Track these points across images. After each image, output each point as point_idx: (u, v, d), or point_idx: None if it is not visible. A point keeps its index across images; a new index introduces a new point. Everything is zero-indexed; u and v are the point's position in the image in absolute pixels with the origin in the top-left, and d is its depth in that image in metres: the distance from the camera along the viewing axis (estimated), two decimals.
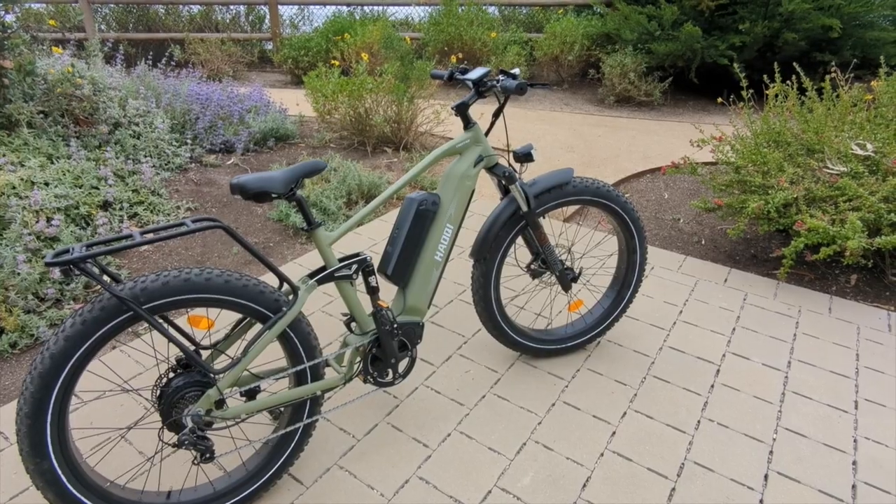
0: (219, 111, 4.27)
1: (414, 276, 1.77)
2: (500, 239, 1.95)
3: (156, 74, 4.55)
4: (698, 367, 2.23)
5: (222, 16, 8.05)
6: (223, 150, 4.20)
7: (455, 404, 2.03)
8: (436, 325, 2.46)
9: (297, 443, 1.64)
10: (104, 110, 3.57)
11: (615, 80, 6.14)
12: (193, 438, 1.41)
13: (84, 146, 3.36)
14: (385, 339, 1.69)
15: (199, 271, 1.41)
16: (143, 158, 3.48)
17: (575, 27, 6.58)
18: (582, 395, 2.07)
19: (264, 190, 1.42)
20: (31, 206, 2.64)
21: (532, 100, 6.49)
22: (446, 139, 4.94)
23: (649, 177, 4.35)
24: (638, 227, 2.14)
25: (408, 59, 4.32)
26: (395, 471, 1.75)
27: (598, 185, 2.02)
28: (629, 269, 2.23)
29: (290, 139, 4.59)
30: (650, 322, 2.50)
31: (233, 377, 1.46)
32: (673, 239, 3.37)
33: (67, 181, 2.97)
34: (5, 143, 3.02)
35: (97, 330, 1.29)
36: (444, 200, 1.78)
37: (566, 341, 2.24)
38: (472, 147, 1.82)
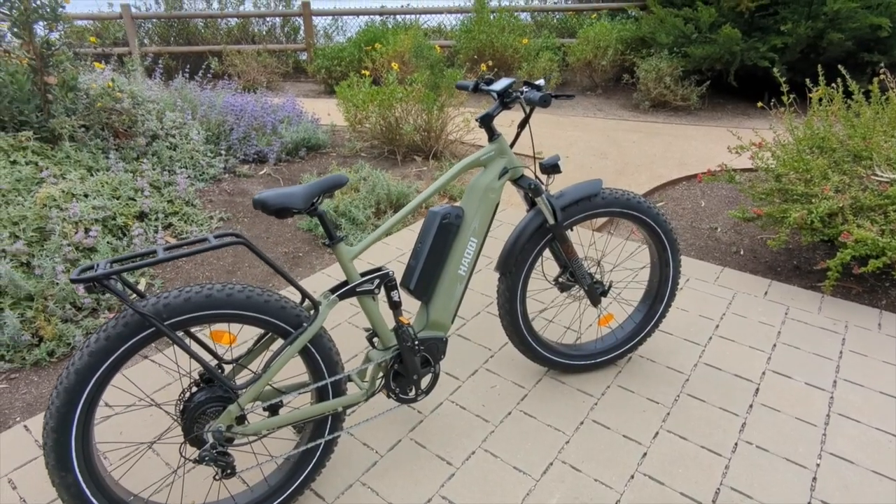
0: (252, 122, 4.35)
1: (437, 290, 1.74)
2: (525, 252, 1.91)
3: (193, 87, 4.68)
4: (736, 386, 2.12)
5: (258, 28, 8.25)
6: (256, 161, 4.27)
7: (480, 421, 1.98)
8: (462, 337, 2.42)
9: (319, 459, 1.63)
10: (142, 123, 3.68)
11: (650, 85, 6.01)
12: (214, 454, 1.41)
13: (122, 158, 3.47)
14: (407, 356, 1.66)
15: (221, 287, 1.41)
16: (179, 170, 3.56)
17: (609, 32, 6.47)
18: (612, 414, 2.00)
19: (285, 206, 1.42)
20: (70, 218, 2.73)
21: (565, 106, 6.41)
22: (476, 147, 4.91)
23: (685, 184, 4.22)
24: (671, 238, 2.06)
25: (438, 68, 4.31)
26: (417, 489, 1.72)
27: (629, 196, 1.95)
28: (662, 283, 2.14)
29: (322, 149, 4.64)
30: (685, 337, 2.41)
31: (254, 392, 1.45)
32: (710, 249, 3.24)
33: (106, 193, 3.06)
34: (48, 156, 3.13)
35: (121, 345, 1.30)
36: (467, 213, 1.74)
37: (596, 357, 2.17)
38: (496, 159, 1.78)
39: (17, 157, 3.00)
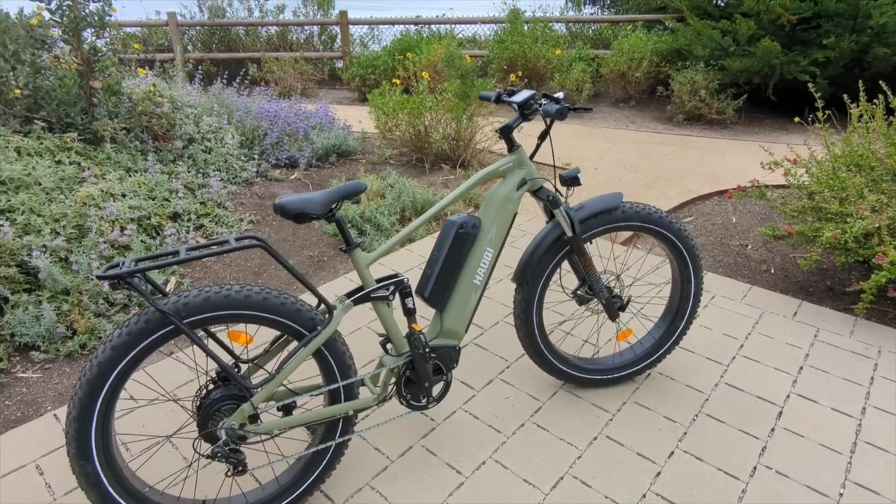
0: (285, 127, 4.46)
1: (452, 299, 1.75)
2: (543, 264, 1.90)
3: (230, 92, 4.83)
4: (758, 408, 2.06)
5: (297, 36, 8.46)
6: (287, 165, 4.37)
7: (492, 431, 1.98)
8: (479, 346, 2.43)
9: (329, 461, 1.65)
10: (180, 126, 3.81)
11: (685, 98, 5.91)
12: (226, 451, 1.45)
13: (160, 160, 3.60)
14: (419, 362, 1.68)
15: (240, 288, 1.45)
16: (213, 172, 3.68)
17: (644, 43, 6.40)
18: (626, 430, 1.97)
19: (303, 211, 1.46)
20: (107, 217, 2.85)
21: (596, 118, 6.36)
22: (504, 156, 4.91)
23: (717, 199, 4.13)
24: (693, 255, 2.02)
25: (468, 78, 4.34)
26: (426, 496, 1.73)
27: (650, 210, 1.93)
28: (683, 299, 2.10)
29: (352, 155, 4.72)
30: (706, 356, 2.35)
31: (267, 392, 1.49)
32: (738, 266, 3.16)
33: (142, 193, 3.18)
34: (91, 156, 3.28)
35: (141, 341, 1.35)
36: (484, 223, 1.75)
37: (613, 372, 2.14)
38: (515, 170, 1.79)
39: (61, 157, 3.15)
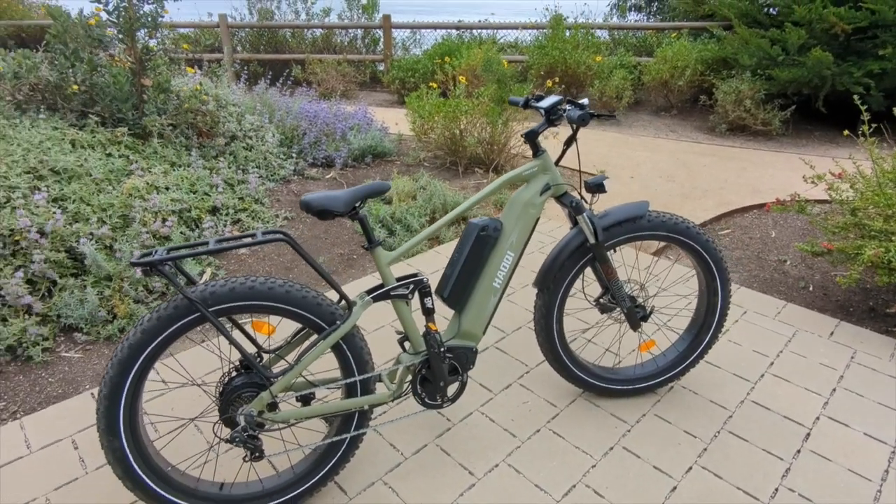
0: (324, 128, 4.57)
1: (470, 301, 1.76)
2: (565, 270, 1.89)
3: (273, 92, 4.97)
4: (784, 428, 2.00)
5: (341, 39, 8.64)
6: (324, 165, 4.48)
7: (507, 435, 1.98)
8: (500, 350, 2.43)
9: (344, 453, 1.69)
10: (223, 124, 3.96)
11: (728, 108, 5.76)
12: (244, 437, 1.50)
13: (203, 156, 3.74)
14: (434, 362, 1.70)
15: (264, 280, 1.51)
16: (252, 169, 3.80)
17: (688, 51, 6.27)
18: (644, 443, 1.94)
19: (326, 208, 1.50)
20: (150, 208, 2.98)
21: (636, 125, 6.26)
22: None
23: (756, 212, 4.00)
24: (720, 267, 1.98)
25: (504, 82, 4.35)
26: (436, 494, 1.75)
27: (676, 220, 1.90)
28: (709, 312, 2.06)
29: (387, 156, 4.79)
30: (734, 371, 2.29)
31: (285, 382, 1.54)
32: (775, 282, 3.06)
33: (184, 187, 3.32)
34: (139, 150, 3.44)
35: (169, 326, 1.42)
36: (506, 227, 1.76)
37: (633, 382, 2.11)
38: (539, 175, 1.79)
39: (112, 150, 3.32)
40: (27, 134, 3.10)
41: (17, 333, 2.36)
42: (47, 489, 1.77)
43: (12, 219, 2.55)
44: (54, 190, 2.83)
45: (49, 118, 3.36)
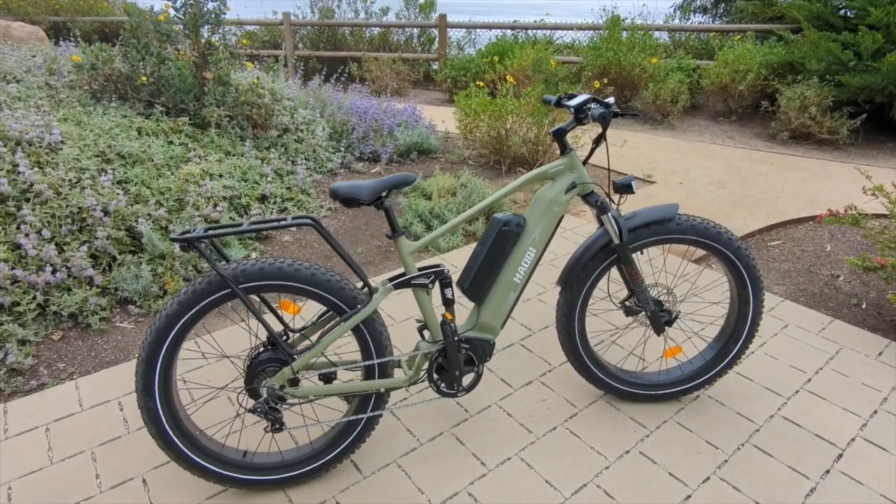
0: (373, 123, 4.69)
1: (490, 294, 1.79)
2: (588, 270, 1.89)
3: (327, 88, 5.15)
4: (814, 447, 1.92)
5: (397, 37, 8.80)
6: (370, 159, 4.60)
7: (523, 430, 2.00)
8: (525, 347, 2.44)
9: (360, 433, 1.75)
10: (277, 117, 4.14)
11: (792, 114, 5.50)
12: (265, 408, 1.60)
13: (256, 147, 3.93)
14: (450, 351, 1.74)
15: (291, 262, 1.59)
16: (301, 161, 3.96)
17: (752, 55, 6.03)
18: (662, 449, 1.91)
19: (352, 196, 1.57)
20: (204, 193, 3.17)
21: (691, 130, 6.07)
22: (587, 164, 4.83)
23: (811, 225, 3.82)
24: (752, 275, 1.92)
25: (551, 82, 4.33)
26: (447, 481, 1.79)
27: (707, 225, 1.86)
28: (739, 321, 2.00)
29: (432, 153, 4.87)
30: (766, 385, 2.21)
31: (306, 360, 1.62)
32: (824, 297, 2.92)
33: (237, 175, 3.50)
34: (197, 139, 3.66)
35: (202, 300, 1.53)
36: (529, 223, 1.78)
37: (656, 388, 2.08)
38: (565, 173, 1.80)
39: (173, 139, 3.54)
40: (99, 121, 3.36)
41: (79, 302, 2.58)
42: (93, 444, 1.93)
43: (81, 198, 2.78)
44: (119, 173, 3.05)
45: (119, 107, 3.62)
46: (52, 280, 2.57)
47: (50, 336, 2.52)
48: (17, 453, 1.89)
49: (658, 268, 3.08)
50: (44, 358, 2.39)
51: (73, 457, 1.88)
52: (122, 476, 1.80)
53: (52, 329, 2.54)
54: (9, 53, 4.34)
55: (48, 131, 2.98)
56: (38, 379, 2.28)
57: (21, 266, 2.57)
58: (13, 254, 2.58)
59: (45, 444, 1.93)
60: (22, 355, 2.33)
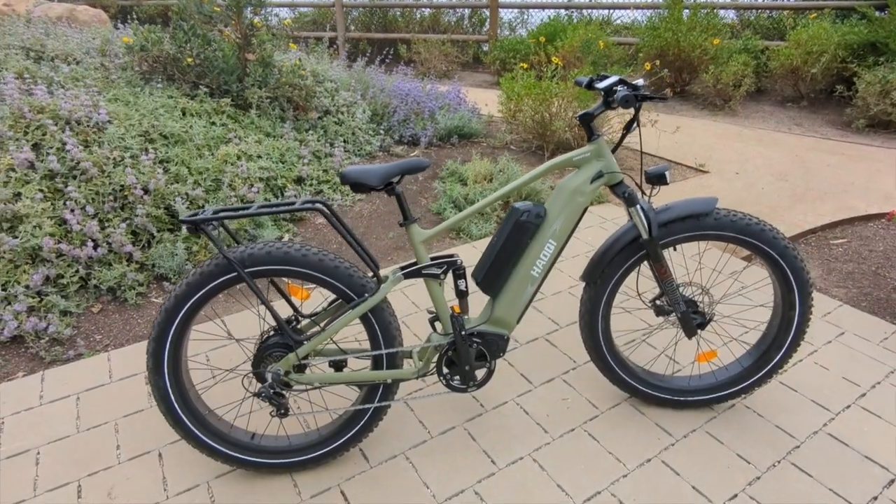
0: (414, 106, 4.62)
1: (505, 288, 1.71)
2: (614, 265, 1.77)
3: (372, 70, 5.11)
4: (862, 470, 1.74)
5: (448, 18, 8.66)
6: (410, 143, 4.54)
7: (539, 429, 1.91)
8: (549, 343, 2.34)
9: (367, 423, 1.72)
10: (318, 99, 4.14)
11: (871, 100, 5.03)
12: (270, 392, 1.59)
13: (296, 128, 3.95)
14: (459, 345, 1.67)
15: (300, 247, 1.56)
16: (340, 143, 3.95)
17: (828, 34, 5.54)
18: (687, 460, 1.78)
19: (360, 181, 1.52)
20: (240, 174, 3.21)
21: (755, 116, 5.67)
22: (632, 150, 4.61)
23: (881, 222, 3.48)
24: (799, 278, 1.74)
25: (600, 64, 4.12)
26: (454, 476, 1.74)
27: (749, 221, 1.69)
28: (783, 328, 1.83)
29: (474, 137, 4.76)
30: (812, 397, 2.03)
31: (311, 346, 1.60)
32: (890, 303, 2.66)
33: (275, 156, 3.53)
34: (239, 120, 3.71)
35: (210, 282, 1.53)
36: (550, 214, 1.68)
37: (686, 394, 1.94)
38: (591, 161, 1.68)
39: (215, 119, 3.61)
40: (145, 101, 3.45)
41: (117, 277, 2.67)
42: (117, 415, 1.99)
43: (123, 176, 2.87)
44: (161, 152, 3.13)
45: (167, 88, 3.72)
46: (94, 255, 2.67)
47: (90, 308, 2.63)
48: (49, 420, 1.98)
49: (695, 264, 2.89)
50: (83, 329, 2.49)
51: (98, 426, 1.95)
52: (140, 449, 1.85)
53: (92, 302, 2.65)
54: (71, 36, 4.54)
55: (96, 111, 3.08)
56: (76, 349, 2.38)
57: (66, 241, 2.69)
58: (60, 228, 2.70)
59: (75, 413, 2.01)
60: (63, 326, 2.44)
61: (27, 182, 2.77)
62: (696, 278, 2.77)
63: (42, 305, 2.49)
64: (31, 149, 2.88)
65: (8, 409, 2.03)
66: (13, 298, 2.45)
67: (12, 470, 1.78)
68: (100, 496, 1.69)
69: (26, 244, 2.56)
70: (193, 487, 1.71)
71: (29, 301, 2.45)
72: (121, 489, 1.71)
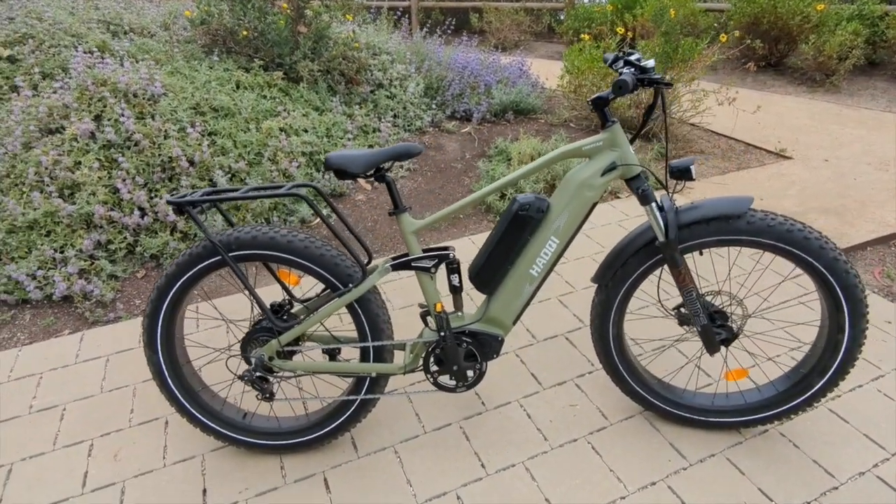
0: (470, 80, 4.46)
1: (501, 286, 1.59)
2: (628, 268, 1.60)
3: (431, 42, 4.98)
4: None
5: None
6: (463, 118, 4.40)
7: (539, 436, 1.80)
8: (569, 342, 2.19)
9: (353, 413, 1.69)
10: (370, 72, 4.09)
11: None
12: (253, 376, 1.58)
13: (346, 102, 3.93)
14: (446, 344, 1.58)
15: (286, 233, 1.53)
16: (389, 118, 3.89)
17: None
18: (699, 489, 1.60)
19: (342, 168, 1.45)
20: (283, 148, 3.24)
21: (861, 94, 4.98)
22: (707, 131, 4.20)
23: None
24: (852, 296, 1.48)
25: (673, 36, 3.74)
26: (439, 478, 1.67)
27: (790, 226, 1.45)
28: (828, 352, 1.58)
29: (531, 113, 4.53)
30: (866, 432, 1.75)
31: (293, 334, 1.57)
32: None
33: (321, 131, 3.54)
34: (289, 94, 3.74)
35: (197, 264, 1.53)
36: (554, 209, 1.53)
37: (707, 414, 1.74)
38: (604, 152, 1.50)
39: (266, 93, 3.66)
40: (202, 74, 3.56)
41: (160, 245, 2.80)
42: (137, 380, 2.10)
43: (171, 148, 2.98)
44: (210, 125, 3.23)
45: (224, 61, 3.81)
46: (142, 223, 2.81)
47: (135, 273, 2.78)
48: (80, 378, 2.12)
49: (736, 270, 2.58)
50: (125, 293, 2.64)
51: (119, 389, 2.06)
52: (151, 414, 1.94)
53: (137, 267, 2.81)
54: (147, 11, 4.76)
55: (152, 84, 3.21)
56: (116, 312, 2.53)
57: (118, 209, 2.85)
58: (112, 196, 2.86)
59: (102, 374, 2.14)
60: (107, 289, 2.60)
61: (87, 151, 2.95)
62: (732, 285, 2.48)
63: (92, 268, 2.67)
64: (93, 120, 3.05)
65: (48, 365, 2.20)
66: (67, 261, 2.64)
67: (40, 423, 1.92)
68: (107, 456, 1.78)
69: (81, 210, 2.74)
70: (189, 458, 1.77)
71: (81, 264, 2.63)
72: (126, 452, 1.80)
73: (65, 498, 1.65)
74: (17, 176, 2.88)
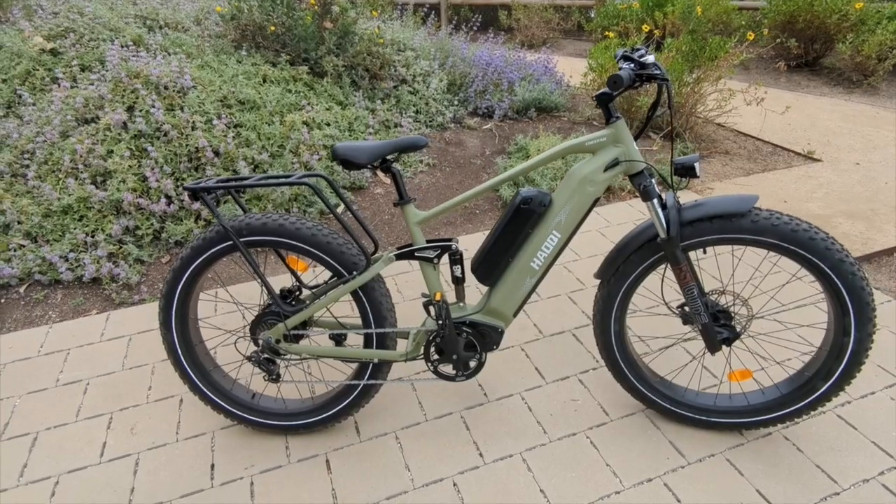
0: (493, 77, 4.47)
1: (502, 278, 1.61)
2: (630, 264, 1.60)
3: (457, 38, 5.00)
4: None
5: None
6: (485, 115, 4.42)
7: (538, 429, 1.82)
8: (575, 338, 2.20)
9: (355, 399, 1.74)
10: (394, 68, 4.14)
11: None
12: (260, 358, 1.65)
13: (369, 97, 3.99)
14: (446, 333, 1.62)
15: (295, 220, 1.58)
16: (411, 114, 3.94)
17: None
18: (695, 487, 1.60)
19: (348, 158, 1.49)
20: (305, 141, 3.32)
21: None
22: (733, 131, 4.12)
23: None
24: (858, 299, 1.46)
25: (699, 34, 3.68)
26: (437, 464, 1.71)
27: (795, 226, 1.44)
28: (833, 356, 1.55)
29: (555, 111, 4.52)
30: (874, 439, 1.72)
31: (299, 318, 1.63)
32: None
33: (343, 125, 3.61)
34: (314, 88, 3.82)
35: (210, 248, 1.60)
36: (556, 203, 1.54)
37: (708, 413, 1.73)
38: (607, 147, 1.51)
39: (291, 87, 3.75)
40: (230, 68, 3.67)
41: (184, 232, 2.91)
42: (156, 359, 2.20)
43: (198, 139, 3.09)
44: (235, 118, 3.32)
45: (251, 55, 3.91)
46: (168, 210, 2.92)
47: (160, 258, 2.89)
48: (104, 356, 2.23)
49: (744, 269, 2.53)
50: (150, 277, 2.76)
51: (139, 367, 2.16)
52: (167, 392, 2.03)
53: (162, 253, 2.92)
54: (182, 6, 4.91)
55: (182, 76, 3.33)
56: (140, 295, 2.64)
57: (146, 196, 2.96)
58: (141, 184, 2.98)
59: (124, 352, 2.24)
60: (133, 272, 2.71)
61: (119, 141, 3.08)
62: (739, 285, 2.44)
63: (120, 253, 2.79)
64: (126, 111, 3.18)
65: (76, 342, 2.31)
66: (97, 245, 2.76)
67: (65, 396, 2.03)
68: (124, 429, 1.88)
69: (112, 197, 2.86)
70: (200, 435, 1.85)
71: (109, 248, 2.75)
72: (142, 426, 1.89)
73: (84, 466, 1.75)
74: (55, 163, 3.03)
